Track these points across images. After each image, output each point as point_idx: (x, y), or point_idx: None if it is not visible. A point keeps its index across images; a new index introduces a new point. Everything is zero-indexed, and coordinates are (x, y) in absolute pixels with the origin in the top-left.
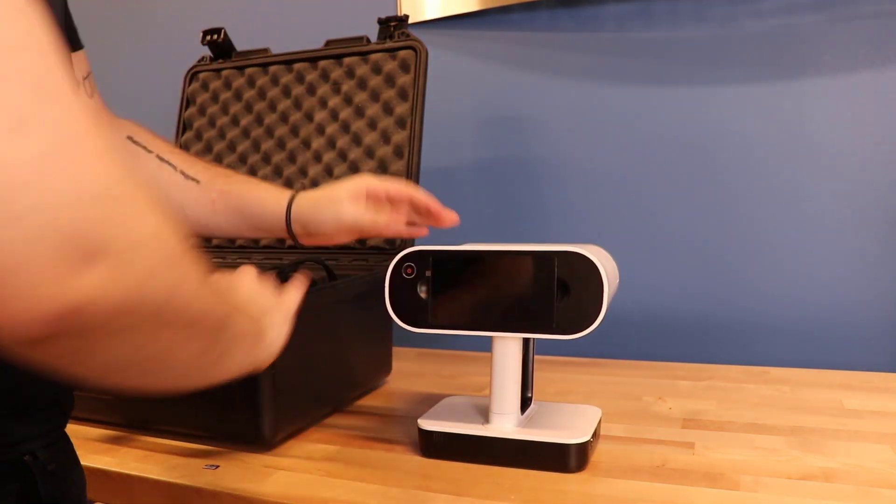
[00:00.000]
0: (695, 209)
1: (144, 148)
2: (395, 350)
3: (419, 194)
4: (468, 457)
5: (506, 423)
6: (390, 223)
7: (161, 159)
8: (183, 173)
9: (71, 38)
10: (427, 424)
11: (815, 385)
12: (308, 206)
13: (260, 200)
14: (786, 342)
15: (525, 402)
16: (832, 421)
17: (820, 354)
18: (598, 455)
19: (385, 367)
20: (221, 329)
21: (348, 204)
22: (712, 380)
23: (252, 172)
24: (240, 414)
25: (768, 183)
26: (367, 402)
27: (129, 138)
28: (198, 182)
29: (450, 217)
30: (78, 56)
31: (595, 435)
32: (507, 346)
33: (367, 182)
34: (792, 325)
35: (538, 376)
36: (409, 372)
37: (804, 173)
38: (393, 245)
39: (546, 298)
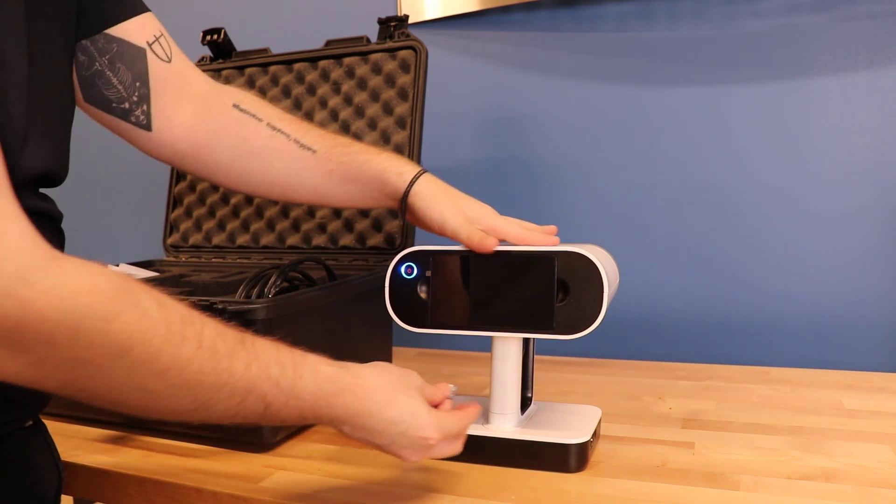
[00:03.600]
0: (694, 208)
1: (254, 116)
2: (395, 350)
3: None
4: (468, 457)
5: (506, 423)
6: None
7: (273, 128)
8: (297, 142)
9: (127, 4)
10: None
11: (815, 385)
12: (425, 200)
13: (381, 173)
14: (786, 342)
15: (525, 402)
16: (832, 421)
17: (820, 354)
18: (598, 455)
19: None
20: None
21: (456, 223)
22: (712, 380)
23: None
24: None
25: (768, 182)
26: None
27: (236, 106)
28: (314, 151)
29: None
30: (142, 20)
31: (595, 435)
32: (507, 346)
33: (487, 218)
34: (792, 325)
35: (538, 376)
36: None
37: (803, 173)
38: (393, 245)
39: (546, 298)
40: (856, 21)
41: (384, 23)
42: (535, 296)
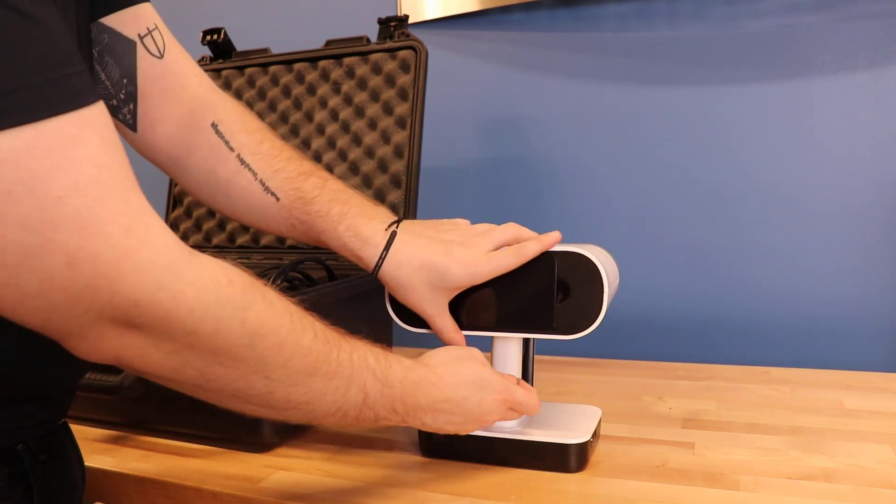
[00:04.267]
0: (694, 208)
1: (227, 144)
2: (395, 350)
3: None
4: (468, 457)
5: (506, 424)
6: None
7: (241, 161)
8: (262, 184)
9: None
10: None
11: (815, 385)
12: (398, 291)
13: (340, 249)
14: (786, 342)
15: None
16: (832, 421)
17: (820, 354)
18: (598, 455)
19: None
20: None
21: (441, 323)
22: (712, 380)
23: None
24: (239, 416)
25: (768, 182)
26: None
27: (214, 126)
28: (277, 199)
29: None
30: (137, 11)
31: (595, 435)
32: (507, 346)
33: (469, 276)
34: (792, 325)
35: (538, 376)
36: None
37: (803, 173)
38: None
39: (546, 298)
40: (856, 21)
41: (384, 23)
42: (535, 296)
